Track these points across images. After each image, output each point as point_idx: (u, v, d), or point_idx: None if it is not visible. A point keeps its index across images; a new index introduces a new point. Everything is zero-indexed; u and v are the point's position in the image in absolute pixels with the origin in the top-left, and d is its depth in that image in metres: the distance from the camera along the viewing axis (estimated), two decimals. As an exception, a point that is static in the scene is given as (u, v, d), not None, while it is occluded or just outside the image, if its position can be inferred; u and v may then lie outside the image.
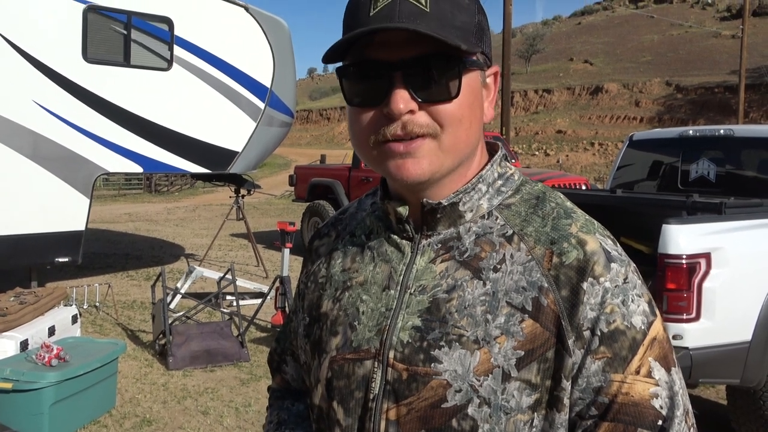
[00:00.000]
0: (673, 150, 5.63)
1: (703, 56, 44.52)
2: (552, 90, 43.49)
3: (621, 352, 0.80)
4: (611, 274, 0.82)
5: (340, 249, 1.00)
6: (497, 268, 0.85)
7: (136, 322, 6.86)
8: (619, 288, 0.82)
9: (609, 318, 0.81)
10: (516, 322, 0.82)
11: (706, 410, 4.84)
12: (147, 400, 4.77)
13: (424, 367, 0.83)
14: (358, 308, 0.91)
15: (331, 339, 0.93)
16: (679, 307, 3.50)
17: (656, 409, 0.80)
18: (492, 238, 0.87)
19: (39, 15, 7.04)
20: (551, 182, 9.13)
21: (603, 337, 0.80)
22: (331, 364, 0.91)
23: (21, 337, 4.49)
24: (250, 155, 8.76)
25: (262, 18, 8.70)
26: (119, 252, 11.23)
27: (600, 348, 0.80)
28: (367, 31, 0.79)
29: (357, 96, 0.85)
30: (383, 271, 0.92)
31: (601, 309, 0.81)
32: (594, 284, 0.81)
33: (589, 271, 0.82)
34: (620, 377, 0.80)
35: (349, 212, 1.06)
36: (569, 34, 63.05)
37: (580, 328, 0.81)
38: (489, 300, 0.83)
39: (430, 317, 0.85)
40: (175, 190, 27.69)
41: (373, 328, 0.89)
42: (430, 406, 0.83)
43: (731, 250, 3.60)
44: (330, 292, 0.97)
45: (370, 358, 0.88)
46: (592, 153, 33.51)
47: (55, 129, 7.14)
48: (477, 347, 0.82)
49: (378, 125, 0.82)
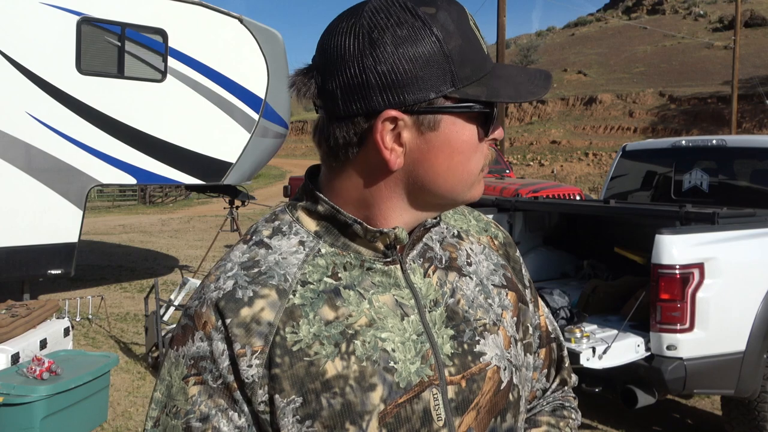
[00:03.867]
0: (666, 160, 5.65)
1: (695, 67, 44.79)
2: (546, 101, 43.61)
3: (536, 296, 1.10)
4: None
5: (302, 304, 0.83)
6: (470, 262, 0.97)
7: (129, 334, 6.82)
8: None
9: (527, 273, 1.08)
10: (504, 297, 0.98)
11: (701, 421, 4.83)
12: (139, 414, 4.73)
13: (477, 365, 0.89)
14: (385, 349, 0.83)
15: (369, 395, 0.82)
16: (673, 318, 3.50)
17: (550, 330, 1.10)
18: (450, 240, 0.97)
19: (33, 27, 7.03)
20: (546, 192, 9.16)
21: (531, 287, 1.08)
22: (383, 419, 0.82)
23: (12, 350, 4.44)
24: (245, 166, 8.75)
25: (257, 29, 8.71)
26: (113, 264, 11.18)
27: (532, 294, 1.07)
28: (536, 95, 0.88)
29: (490, 130, 0.88)
30: (385, 302, 0.86)
31: (524, 267, 1.08)
32: (516, 251, 1.08)
33: (511, 242, 1.07)
34: (540, 312, 1.09)
35: (267, 266, 0.86)
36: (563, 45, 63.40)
37: (526, 283, 1.06)
38: (482, 289, 0.95)
39: (456, 322, 0.90)
40: (169, 201, 27.61)
41: (415, 360, 0.84)
42: (493, 394, 0.90)
43: (724, 260, 3.61)
44: (329, 351, 0.82)
45: (426, 387, 0.84)
46: (586, 163, 33.61)
47: (48, 140, 7.11)
48: (497, 328, 0.94)
49: (483, 155, 0.89)
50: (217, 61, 8.38)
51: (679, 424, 4.81)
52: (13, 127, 6.87)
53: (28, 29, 7.01)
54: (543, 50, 59.60)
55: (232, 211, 9.91)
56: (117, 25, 7.69)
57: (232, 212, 9.90)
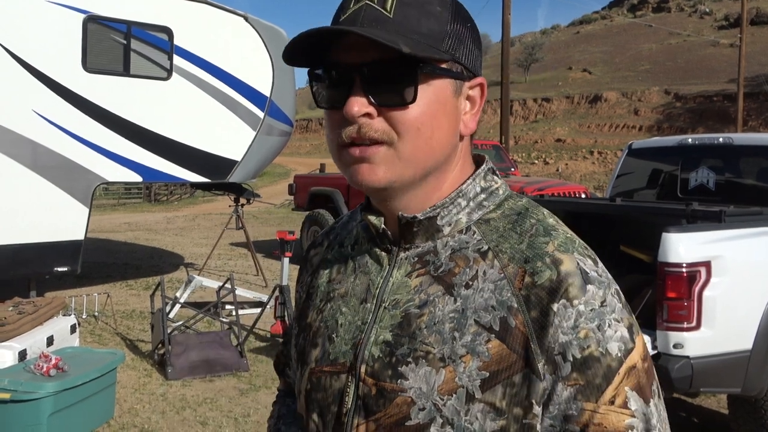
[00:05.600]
0: (672, 158, 5.63)
1: (701, 65, 44.64)
2: (551, 99, 43.55)
3: (594, 380, 0.76)
4: (587, 296, 0.78)
5: (329, 259, 1.00)
6: (469, 285, 0.82)
7: (135, 331, 6.84)
8: (594, 312, 0.78)
9: (582, 343, 0.77)
10: (482, 342, 0.79)
11: (707, 420, 4.82)
12: (146, 411, 4.74)
13: (391, 383, 0.82)
14: (337, 320, 0.91)
15: (311, 350, 0.93)
16: (680, 316, 3.49)
17: None
18: (467, 253, 0.84)
19: (39, 25, 7.06)
20: (550, 191, 9.14)
21: (575, 363, 0.76)
22: (310, 376, 0.92)
23: (19, 347, 4.47)
24: (250, 164, 8.77)
25: (262, 27, 8.72)
26: (118, 261, 11.21)
27: (572, 374, 0.77)
28: (312, 32, 0.79)
29: (324, 99, 0.85)
30: (362, 283, 0.91)
31: (575, 333, 0.77)
32: (567, 306, 0.77)
33: (562, 293, 0.78)
34: (592, 406, 0.76)
35: (342, 222, 1.05)
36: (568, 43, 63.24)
37: (551, 351, 0.77)
38: (458, 317, 0.81)
39: (401, 332, 0.84)
40: (174, 199, 27.68)
41: (349, 342, 0.88)
42: (395, 423, 0.81)
43: (731, 259, 3.59)
44: (315, 303, 0.97)
45: (345, 371, 0.88)
46: (591, 161, 33.53)
47: (54, 138, 7.14)
48: (442, 365, 0.80)
49: (340, 128, 0.82)
50: (222, 59, 8.40)
51: (686, 423, 4.80)
52: (19, 125, 6.89)
53: (34, 27, 7.03)
54: (548, 48, 59.47)
55: (237, 209, 9.93)
56: (123, 23, 7.71)
57: (237, 210, 9.92)
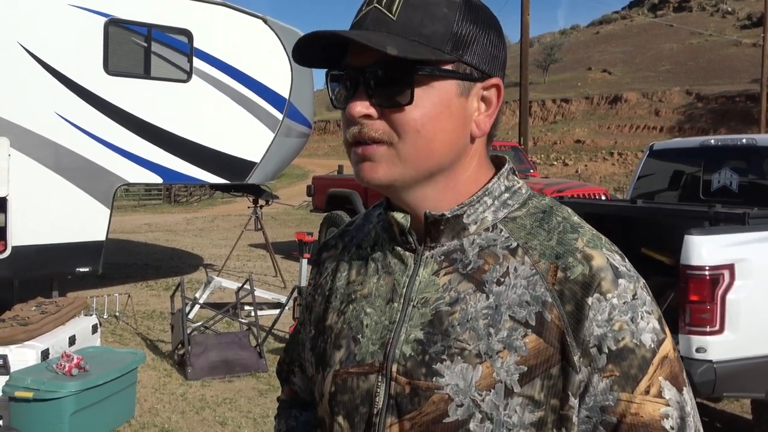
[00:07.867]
0: (694, 160, 5.57)
1: (723, 65, 44.11)
2: (570, 99, 43.28)
3: (630, 371, 0.79)
4: (619, 290, 0.81)
5: (346, 261, 0.99)
6: (500, 281, 0.84)
7: (156, 332, 6.89)
8: (627, 304, 0.80)
9: (617, 335, 0.79)
10: (519, 337, 0.80)
11: (730, 424, 4.76)
12: (166, 410, 4.78)
13: (426, 381, 0.82)
14: (362, 321, 0.91)
15: (335, 353, 0.92)
16: (703, 320, 3.45)
17: (667, 430, 0.79)
18: (496, 251, 0.86)
19: (61, 28, 7.15)
20: (570, 192, 9.06)
21: (611, 354, 0.79)
22: (335, 378, 0.91)
23: (42, 346, 4.52)
24: (269, 166, 8.81)
25: (281, 30, 8.76)
26: (139, 262, 11.32)
27: (608, 366, 0.79)
28: (305, 38, 0.83)
29: (337, 100, 0.88)
30: (387, 283, 0.91)
31: (609, 326, 0.79)
32: (601, 300, 0.80)
33: (595, 287, 0.80)
34: (628, 396, 0.78)
35: (356, 224, 1.05)
36: (587, 43, 62.82)
37: (586, 344, 0.79)
38: (491, 314, 0.82)
39: (433, 330, 0.84)
40: (194, 200, 27.89)
41: (376, 342, 0.88)
42: (432, 421, 0.81)
43: (755, 261, 3.54)
44: (335, 305, 0.96)
45: (374, 372, 0.87)
46: (611, 163, 33.27)
47: (76, 140, 7.23)
48: (479, 361, 0.81)
49: (347, 128, 0.85)
50: (241, 62, 8.45)
51: (708, 428, 4.73)
52: (42, 127, 6.99)
53: (56, 31, 7.12)
54: (567, 48, 59.13)
55: (256, 210, 9.98)
56: (143, 26, 7.79)
57: (256, 211, 9.97)
